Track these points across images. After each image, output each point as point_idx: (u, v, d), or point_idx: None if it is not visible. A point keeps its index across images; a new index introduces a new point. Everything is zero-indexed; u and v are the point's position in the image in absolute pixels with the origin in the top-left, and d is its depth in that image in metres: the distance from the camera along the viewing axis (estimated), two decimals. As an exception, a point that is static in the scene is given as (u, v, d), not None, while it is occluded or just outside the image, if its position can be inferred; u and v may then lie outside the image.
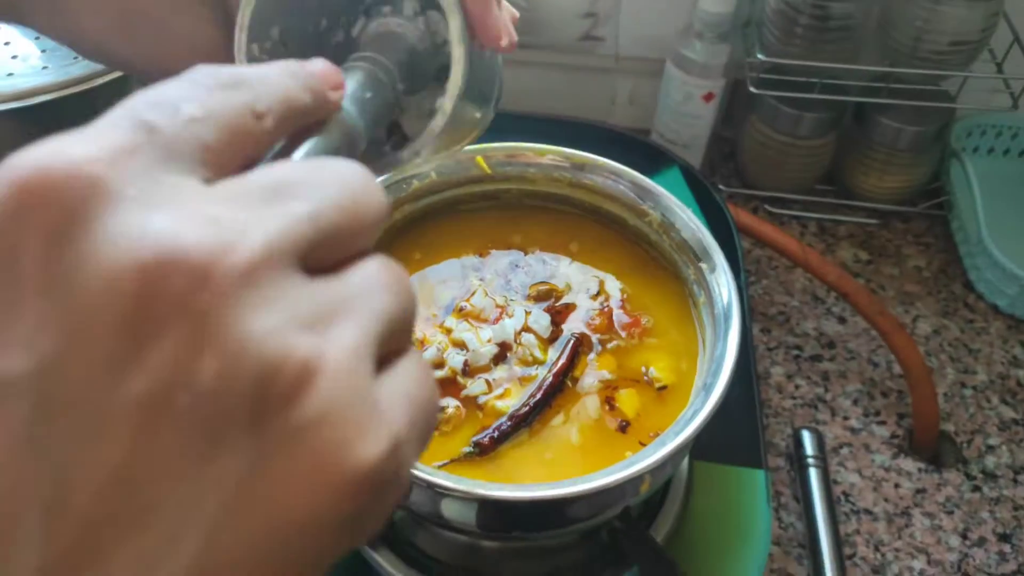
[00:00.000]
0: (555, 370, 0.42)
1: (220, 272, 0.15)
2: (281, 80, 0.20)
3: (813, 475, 0.56)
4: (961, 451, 0.61)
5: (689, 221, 0.44)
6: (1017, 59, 0.66)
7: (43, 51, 0.47)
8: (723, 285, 0.41)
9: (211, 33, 0.32)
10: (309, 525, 0.16)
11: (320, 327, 0.16)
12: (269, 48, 0.30)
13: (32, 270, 0.15)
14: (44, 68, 0.46)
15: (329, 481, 0.16)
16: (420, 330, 0.44)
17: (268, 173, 0.18)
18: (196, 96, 0.18)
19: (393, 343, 0.18)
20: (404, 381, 0.18)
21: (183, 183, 0.17)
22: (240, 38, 0.29)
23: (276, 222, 0.16)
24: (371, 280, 0.18)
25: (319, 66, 0.23)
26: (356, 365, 0.16)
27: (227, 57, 0.30)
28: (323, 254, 0.18)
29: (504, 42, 0.30)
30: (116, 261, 0.15)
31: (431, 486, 0.35)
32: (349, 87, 0.25)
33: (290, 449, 0.15)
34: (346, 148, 0.24)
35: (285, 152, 0.21)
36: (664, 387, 0.43)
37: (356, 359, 0.17)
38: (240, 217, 0.16)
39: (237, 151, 0.19)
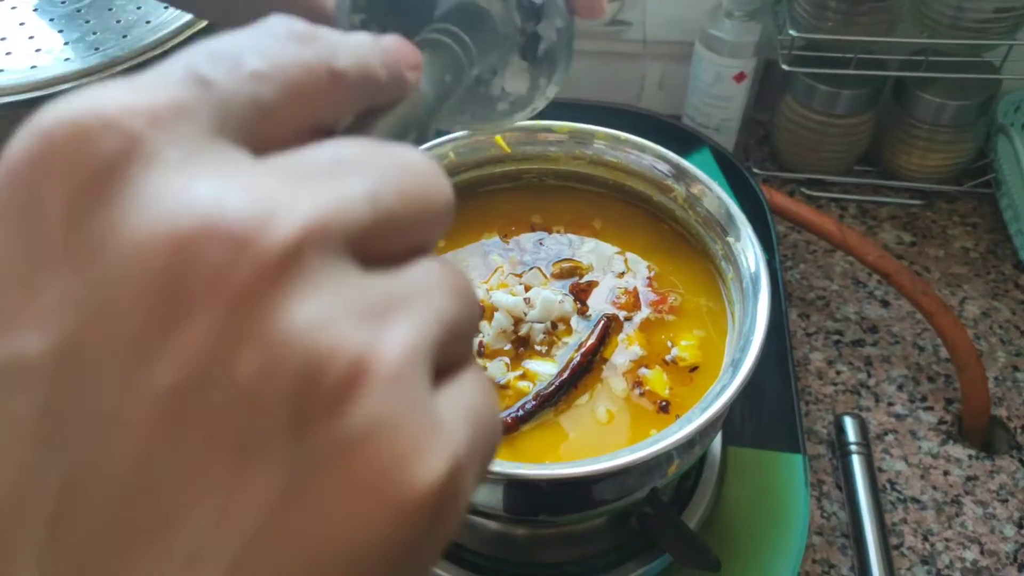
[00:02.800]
0: (583, 350, 0.41)
1: (264, 244, 0.13)
2: (360, 47, 0.18)
3: (856, 462, 0.54)
4: (1015, 437, 0.58)
5: (715, 193, 0.42)
6: (1066, 26, 0.63)
7: (66, 43, 0.48)
8: (750, 256, 0.39)
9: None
10: (355, 557, 0.14)
11: (373, 322, 0.14)
12: (359, 23, 0.28)
13: (55, 234, 0.13)
14: (67, 59, 0.46)
15: (380, 504, 0.14)
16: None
17: (325, 148, 0.16)
18: (264, 47, 0.16)
19: (454, 353, 0.16)
20: (465, 396, 0.16)
21: (231, 153, 0.15)
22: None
23: (330, 197, 0.14)
24: (432, 279, 0.16)
25: (394, 42, 0.20)
26: (413, 369, 0.14)
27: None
28: (380, 245, 0.15)
29: (604, 12, 0.30)
30: (149, 228, 0.13)
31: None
32: (428, 67, 0.23)
33: (337, 463, 0.13)
34: (416, 134, 0.22)
35: (350, 133, 0.19)
36: (695, 367, 0.41)
37: (413, 362, 0.14)
38: (290, 191, 0.14)
39: (302, 115, 0.17)
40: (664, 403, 0.40)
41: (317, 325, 0.13)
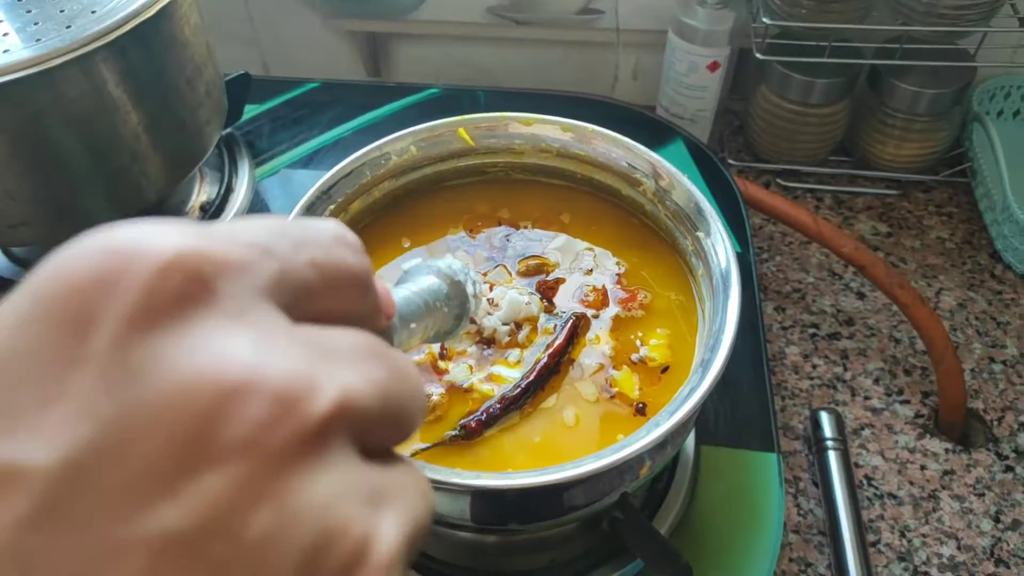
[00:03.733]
0: (551, 350, 0.40)
1: (307, 412, 0.14)
2: (379, 279, 0.21)
3: (832, 458, 0.53)
4: (991, 430, 0.57)
5: (684, 187, 0.41)
6: (1041, 12, 0.62)
7: (4, 34, 0.45)
8: (720, 252, 0.38)
9: None
10: None
11: (372, 510, 0.15)
12: None
13: (101, 347, 0.13)
14: (6, 51, 0.44)
15: None
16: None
17: (349, 334, 0.17)
18: (324, 244, 0.18)
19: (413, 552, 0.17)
20: None
21: (276, 316, 0.16)
22: None
23: (355, 378, 0.15)
24: (410, 481, 0.17)
25: (383, 287, 0.22)
26: (399, 561, 0.15)
27: None
28: (375, 436, 0.16)
29: None
30: (197, 369, 0.13)
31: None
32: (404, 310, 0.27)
33: None
34: None
35: None
36: (666, 368, 0.40)
37: (399, 556, 0.15)
38: (323, 365, 0.15)
39: (333, 307, 0.18)
40: (641, 405, 0.38)
41: (332, 501, 0.14)
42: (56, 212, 0.50)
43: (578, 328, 0.41)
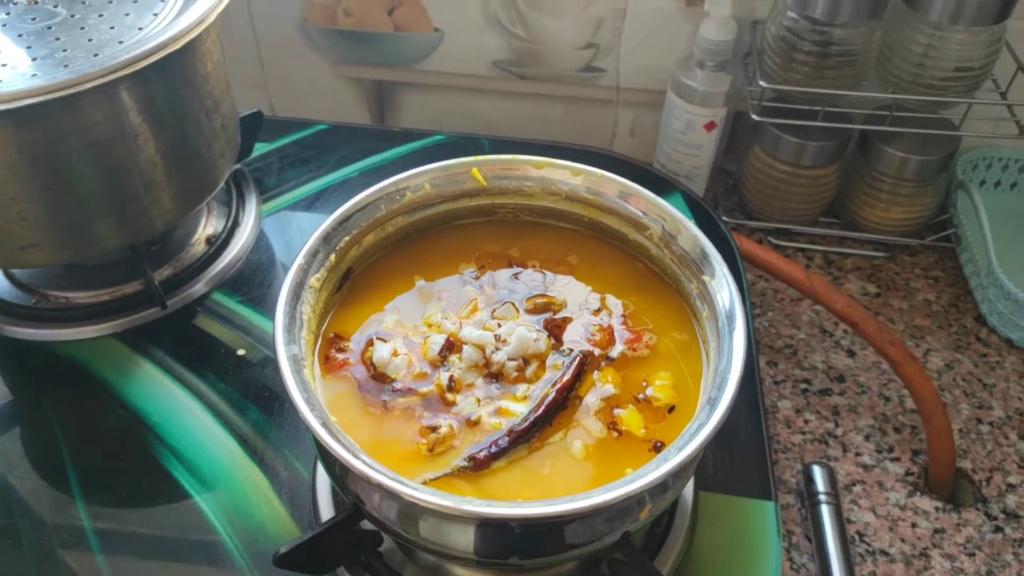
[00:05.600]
0: (559, 386, 0.40)
1: None
2: None
3: (825, 512, 0.54)
4: (980, 490, 0.58)
5: (690, 232, 0.42)
6: (1021, 88, 0.65)
7: (33, 59, 0.46)
8: (724, 295, 0.39)
9: None
10: None
11: None
12: None
13: None
14: (34, 76, 0.45)
15: None
16: (410, 347, 0.42)
17: None
18: None
19: None
20: None
21: None
22: None
23: None
24: None
25: None
26: None
27: None
28: None
29: None
30: None
31: (415, 502, 0.33)
32: None
33: None
34: None
35: None
36: (672, 407, 0.40)
37: None
38: None
39: None
40: (659, 444, 0.39)
41: None
42: (65, 236, 0.50)
43: (585, 366, 0.41)
